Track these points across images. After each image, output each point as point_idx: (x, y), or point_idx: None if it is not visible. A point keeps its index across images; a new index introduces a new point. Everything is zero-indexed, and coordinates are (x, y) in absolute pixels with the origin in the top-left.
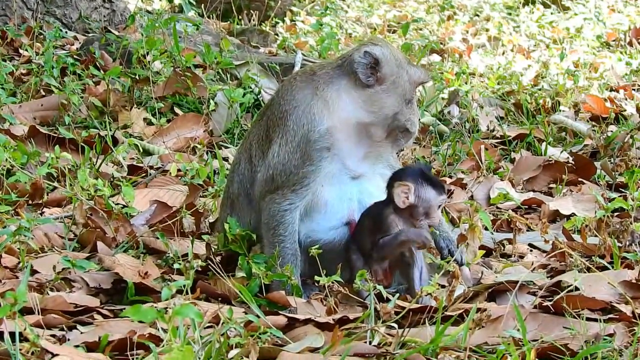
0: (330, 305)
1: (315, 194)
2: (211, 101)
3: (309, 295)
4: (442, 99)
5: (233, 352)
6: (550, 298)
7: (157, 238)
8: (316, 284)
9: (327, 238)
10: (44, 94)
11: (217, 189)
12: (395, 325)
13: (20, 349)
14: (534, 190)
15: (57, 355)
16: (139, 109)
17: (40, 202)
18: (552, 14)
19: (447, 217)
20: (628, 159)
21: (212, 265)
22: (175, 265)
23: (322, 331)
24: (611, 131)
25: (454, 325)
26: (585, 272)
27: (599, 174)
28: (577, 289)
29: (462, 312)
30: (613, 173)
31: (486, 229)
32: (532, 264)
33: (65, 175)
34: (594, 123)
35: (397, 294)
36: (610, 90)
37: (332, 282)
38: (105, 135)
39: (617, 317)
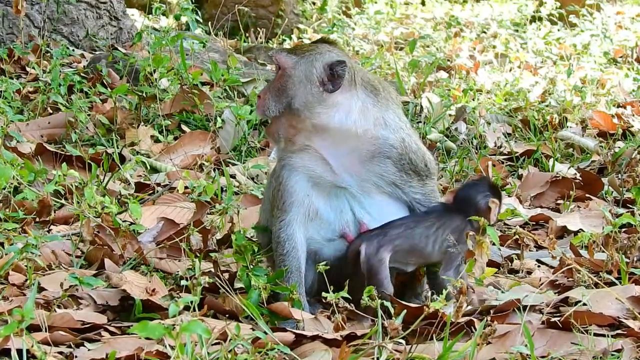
0: (337, 322)
1: (306, 205)
2: (218, 118)
3: (314, 312)
4: (450, 115)
5: None
6: (558, 314)
7: (165, 257)
8: (323, 300)
9: (329, 252)
10: (51, 111)
11: (224, 206)
12: (403, 342)
13: None
14: (541, 207)
15: None
16: (146, 126)
17: (48, 219)
18: (559, 30)
19: None
20: (635, 174)
21: (220, 281)
22: (183, 282)
23: (330, 347)
24: (618, 147)
25: (461, 341)
26: (592, 288)
27: (607, 190)
28: (584, 304)
29: (468, 322)
30: (620, 189)
31: (494, 244)
32: (540, 280)
33: (72, 192)
34: (601, 139)
35: (405, 311)
36: (618, 107)
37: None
38: (113, 152)
39: (625, 332)
